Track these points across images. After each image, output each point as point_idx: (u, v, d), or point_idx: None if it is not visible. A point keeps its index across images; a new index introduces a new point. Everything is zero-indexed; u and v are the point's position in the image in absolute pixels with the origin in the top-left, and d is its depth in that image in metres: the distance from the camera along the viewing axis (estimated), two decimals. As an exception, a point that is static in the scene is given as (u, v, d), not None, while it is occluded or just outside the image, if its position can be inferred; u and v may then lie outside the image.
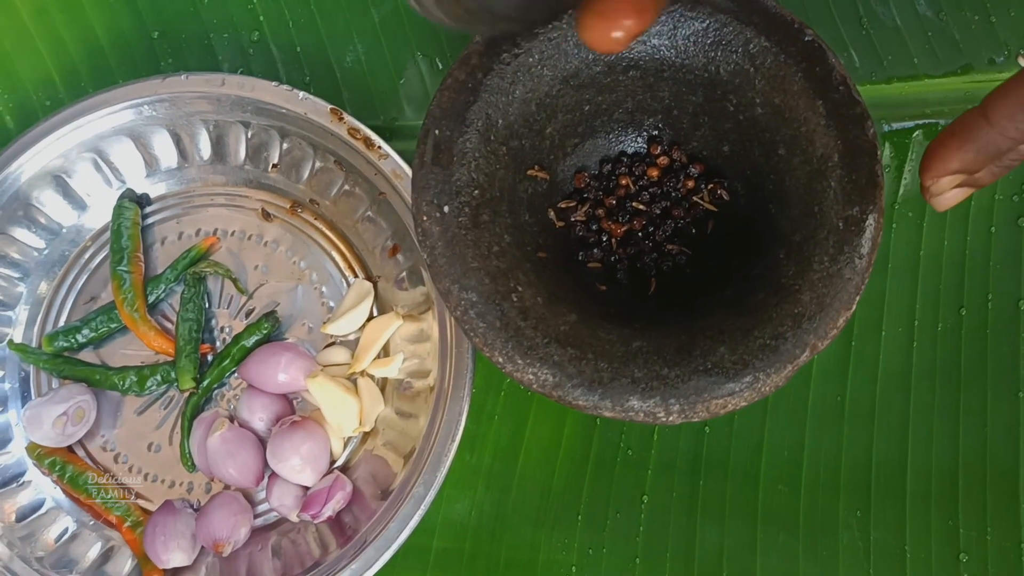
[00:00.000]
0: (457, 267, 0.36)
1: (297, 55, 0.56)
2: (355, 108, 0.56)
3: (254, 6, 0.57)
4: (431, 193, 0.37)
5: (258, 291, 0.53)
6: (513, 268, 0.37)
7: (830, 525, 0.49)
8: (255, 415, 0.50)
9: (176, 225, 0.53)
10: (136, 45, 0.56)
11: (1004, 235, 0.51)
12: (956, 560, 0.48)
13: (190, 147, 0.53)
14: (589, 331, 0.36)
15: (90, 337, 0.51)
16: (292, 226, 0.53)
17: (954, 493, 0.49)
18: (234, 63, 0.56)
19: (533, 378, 0.35)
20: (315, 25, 0.56)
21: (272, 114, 0.51)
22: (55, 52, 0.56)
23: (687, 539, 0.49)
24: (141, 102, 0.50)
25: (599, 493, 0.51)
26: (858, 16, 0.54)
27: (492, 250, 0.37)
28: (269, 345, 0.51)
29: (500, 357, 0.35)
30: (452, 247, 0.36)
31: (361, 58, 0.56)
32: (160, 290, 0.52)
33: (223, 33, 0.56)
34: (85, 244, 0.53)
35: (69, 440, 0.50)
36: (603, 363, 0.35)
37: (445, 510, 0.51)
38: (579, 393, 0.34)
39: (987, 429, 0.49)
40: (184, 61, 0.56)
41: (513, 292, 0.36)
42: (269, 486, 0.49)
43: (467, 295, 0.36)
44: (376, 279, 0.52)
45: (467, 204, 0.37)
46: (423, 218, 0.36)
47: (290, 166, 0.53)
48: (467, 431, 0.51)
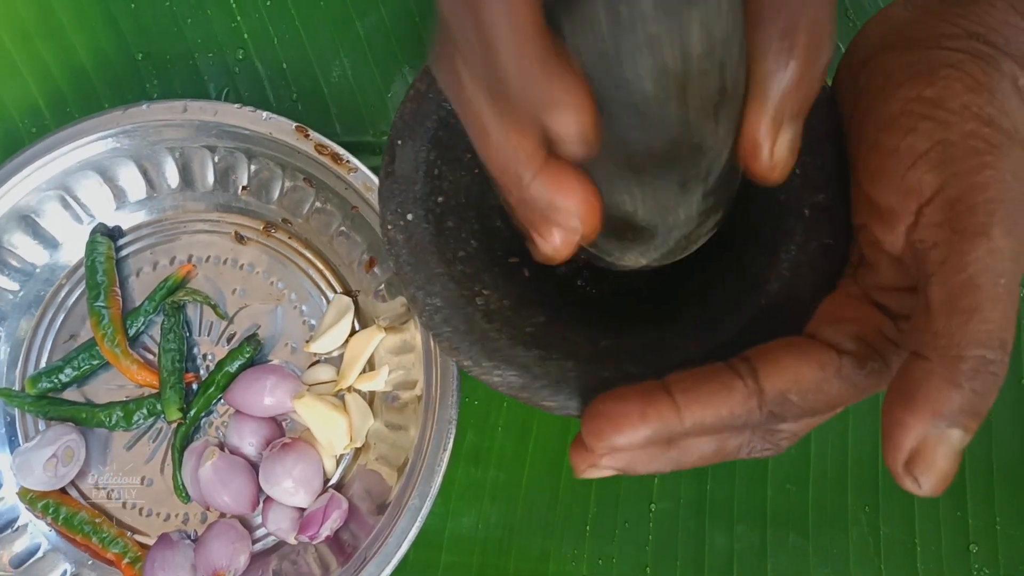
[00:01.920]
0: (422, 273, 0.36)
1: (283, 72, 0.56)
2: (344, 123, 0.55)
3: (238, 24, 0.56)
4: (395, 202, 0.37)
5: (238, 315, 0.52)
6: (480, 272, 0.37)
7: (839, 522, 0.49)
8: (245, 440, 0.50)
9: (150, 255, 0.53)
10: (121, 68, 0.56)
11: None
12: (966, 551, 0.48)
13: (157, 176, 0.52)
14: (558, 332, 0.36)
15: (73, 376, 0.51)
16: (267, 247, 0.53)
17: (961, 483, 0.48)
18: (220, 82, 0.56)
19: (499, 379, 0.35)
20: (300, 41, 0.56)
21: (237, 136, 0.50)
22: (40, 78, 0.56)
23: (696, 545, 0.49)
24: (104, 135, 0.50)
25: (607, 502, 0.50)
26: (843, 6, 0.53)
27: (457, 255, 0.37)
28: (253, 369, 0.51)
29: (466, 360, 0.35)
30: (416, 254, 0.36)
31: (348, 72, 0.56)
32: (140, 323, 0.52)
33: (208, 53, 0.56)
34: (60, 282, 0.53)
35: (62, 482, 0.49)
36: (569, 363, 0.34)
37: (452, 524, 0.51)
38: (546, 394, 0.34)
39: (992, 418, 0.49)
40: (169, 82, 0.56)
41: (478, 296, 0.36)
42: (265, 511, 0.49)
43: (432, 300, 0.35)
44: (356, 293, 0.52)
45: (431, 211, 0.37)
46: (388, 227, 0.36)
47: (260, 187, 0.52)
48: (471, 443, 0.51)
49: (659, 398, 0.29)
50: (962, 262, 0.26)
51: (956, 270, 0.26)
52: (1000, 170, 0.26)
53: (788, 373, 0.28)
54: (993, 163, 0.26)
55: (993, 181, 0.26)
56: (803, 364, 0.28)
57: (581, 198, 0.26)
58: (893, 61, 0.30)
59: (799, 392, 0.28)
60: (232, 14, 0.56)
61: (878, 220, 0.29)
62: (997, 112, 0.27)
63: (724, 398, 0.28)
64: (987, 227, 0.26)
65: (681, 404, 0.28)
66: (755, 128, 0.26)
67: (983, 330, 0.25)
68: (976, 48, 0.29)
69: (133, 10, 0.57)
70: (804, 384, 0.28)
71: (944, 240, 0.26)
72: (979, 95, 0.28)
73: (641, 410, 0.29)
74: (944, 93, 0.28)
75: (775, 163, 0.27)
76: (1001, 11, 0.30)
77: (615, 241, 0.32)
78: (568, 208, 0.26)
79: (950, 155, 0.27)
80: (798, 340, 0.29)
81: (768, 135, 0.26)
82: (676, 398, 0.28)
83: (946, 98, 0.28)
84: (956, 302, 0.25)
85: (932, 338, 0.25)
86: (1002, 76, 0.28)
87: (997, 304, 0.25)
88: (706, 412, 0.28)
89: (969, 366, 0.25)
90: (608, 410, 0.29)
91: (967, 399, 0.25)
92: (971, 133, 0.27)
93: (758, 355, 0.29)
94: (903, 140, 0.28)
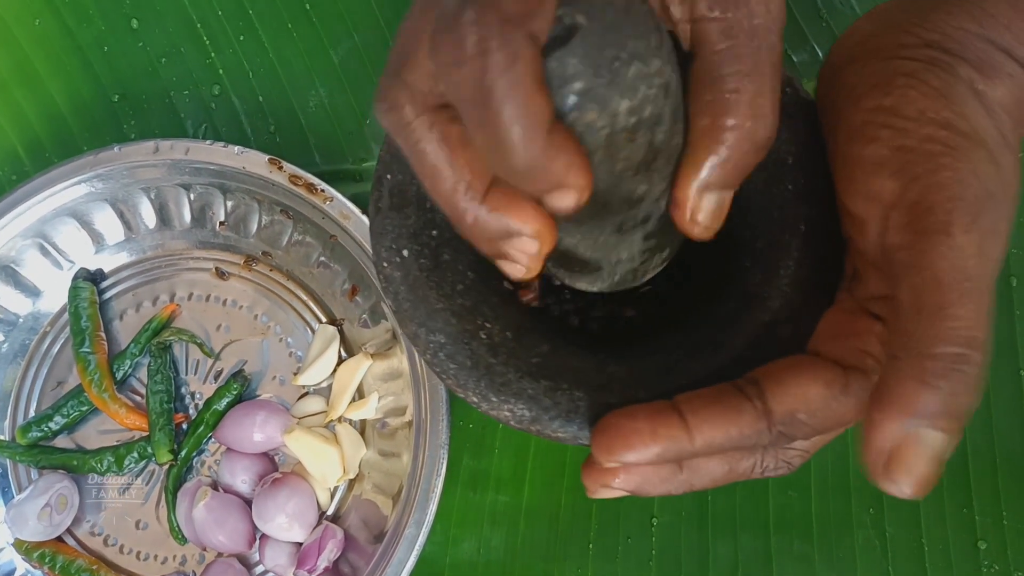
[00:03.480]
0: (422, 310, 0.35)
1: (260, 105, 0.56)
2: (323, 152, 0.55)
3: (212, 60, 0.56)
4: (389, 238, 0.36)
5: (224, 351, 0.52)
6: (479, 304, 0.36)
7: (844, 526, 0.47)
8: (237, 478, 0.49)
9: (132, 298, 0.53)
10: (97, 110, 0.56)
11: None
12: (975, 548, 0.47)
13: (134, 218, 0.52)
14: (563, 360, 0.35)
15: (63, 424, 0.51)
16: (249, 281, 0.52)
17: (965, 480, 0.47)
18: (197, 119, 0.56)
19: (509, 414, 0.34)
20: (275, 73, 0.56)
21: (211, 173, 0.50)
22: (17, 126, 0.56)
23: (700, 558, 0.48)
24: (77, 180, 0.50)
25: (608, 519, 0.49)
26: (816, 9, 0.52)
27: (456, 288, 0.36)
28: (242, 405, 0.50)
29: (474, 396, 0.34)
30: (415, 290, 0.35)
31: (324, 102, 0.55)
32: (126, 366, 0.51)
33: (183, 90, 0.56)
34: (44, 330, 0.53)
35: (57, 531, 0.49)
36: (579, 392, 0.34)
37: (452, 550, 0.50)
38: (557, 425, 0.33)
39: (992, 411, 0.47)
40: (146, 122, 0.56)
41: (481, 329, 0.35)
42: (261, 548, 0.49)
43: (435, 337, 0.35)
44: (340, 322, 0.51)
45: (426, 246, 0.36)
46: (384, 264, 0.36)
47: (237, 222, 0.52)
48: (467, 467, 0.50)
49: (669, 417, 0.29)
50: (925, 261, 0.26)
51: (920, 269, 0.26)
52: (958, 170, 0.27)
53: (796, 393, 0.28)
54: (951, 164, 0.27)
55: (951, 181, 0.26)
56: (810, 384, 0.28)
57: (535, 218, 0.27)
58: (856, 73, 0.31)
59: (807, 412, 0.28)
60: (206, 51, 0.56)
61: (855, 229, 0.30)
62: (954, 115, 0.28)
63: (733, 419, 0.28)
64: (947, 225, 0.26)
65: (691, 424, 0.28)
66: (680, 191, 0.28)
67: (950, 327, 0.25)
68: (932, 56, 0.29)
69: (107, 53, 0.57)
70: (812, 403, 0.28)
71: (908, 242, 0.26)
72: (935, 100, 0.28)
73: (651, 428, 0.29)
74: (901, 101, 0.28)
75: (699, 224, 0.28)
76: (957, 18, 0.30)
77: (563, 270, 0.32)
78: (524, 230, 0.27)
79: (909, 160, 0.27)
80: (803, 359, 0.29)
81: (693, 199, 0.28)
82: (687, 418, 0.29)
83: (903, 106, 0.28)
84: (922, 301, 0.25)
85: (903, 338, 0.25)
86: (958, 81, 0.29)
87: (964, 301, 0.25)
88: (716, 432, 0.28)
89: (938, 364, 0.24)
90: (619, 425, 0.29)
91: (940, 399, 0.24)
92: (928, 137, 0.27)
93: (765, 376, 0.29)
94: (866, 149, 0.29)
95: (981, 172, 0.27)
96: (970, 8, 0.30)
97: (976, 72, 0.29)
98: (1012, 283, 0.49)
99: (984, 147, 0.28)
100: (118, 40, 0.56)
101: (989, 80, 0.29)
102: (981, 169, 0.27)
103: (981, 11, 0.30)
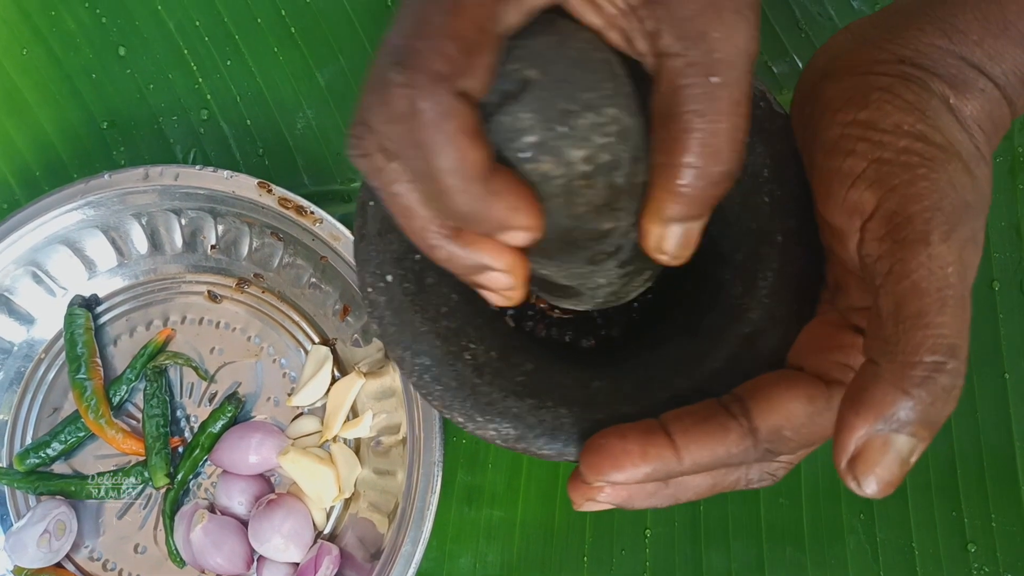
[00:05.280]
0: (407, 333, 0.35)
1: (248, 128, 0.56)
2: (311, 174, 0.55)
3: (200, 85, 0.56)
4: (373, 264, 0.36)
5: (219, 373, 0.52)
6: (464, 326, 0.37)
7: (835, 532, 0.48)
8: (234, 500, 0.50)
9: (126, 323, 0.53)
10: (87, 138, 0.57)
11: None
12: (965, 551, 0.47)
13: (125, 244, 0.53)
14: (548, 378, 0.36)
15: (60, 450, 0.51)
16: (241, 303, 0.53)
17: (953, 483, 0.47)
18: (186, 144, 0.56)
19: (495, 433, 0.34)
20: (263, 96, 0.56)
21: (201, 197, 0.50)
22: (7, 155, 0.57)
23: (694, 568, 0.48)
24: (69, 208, 0.50)
25: (602, 532, 0.50)
26: (795, 20, 0.53)
27: (441, 311, 0.37)
28: (237, 427, 0.50)
29: (460, 417, 0.35)
30: (399, 314, 0.36)
31: (312, 123, 0.56)
32: (123, 391, 0.52)
33: (172, 116, 0.56)
34: (40, 357, 0.53)
35: (56, 556, 0.49)
36: (563, 409, 0.34)
37: (449, 566, 0.50)
38: (542, 443, 0.34)
39: (977, 415, 0.48)
40: (136, 148, 0.56)
41: (466, 350, 0.36)
42: (259, 569, 0.49)
43: (420, 360, 0.35)
44: (333, 341, 0.52)
45: (410, 270, 0.37)
46: (368, 289, 0.36)
47: (229, 245, 0.53)
48: (462, 483, 0.51)
49: (658, 438, 0.29)
50: (904, 270, 0.26)
51: (899, 278, 0.26)
52: (934, 181, 0.27)
53: (780, 410, 0.29)
54: (927, 175, 0.27)
55: (928, 191, 0.27)
56: (793, 400, 0.29)
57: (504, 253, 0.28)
58: (832, 89, 0.31)
59: (792, 428, 0.29)
60: (194, 76, 0.57)
61: (835, 240, 0.30)
62: (929, 128, 0.28)
63: (720, 439, 0.29)
64: (925, 234, 0.26)
65: (679, 444, 0.29)
66: (644, 223, 0.28)
67: (931, 335, 0.25)
68: (905, 71, 0.30)
69: (95, 80, 0.57)
70: (796, 419, 0.29)
71: (887, 252, 0.27)
72: (910, 114, 0.28)
73: (642, 449, 0.29)
74: (876, 115, 0.29)
75: (667, 253, 0.29)
76: (929, 35, 0.31)
77: (546, 293, 0.32)
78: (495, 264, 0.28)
79: (886, 171, 0.28)
80: (786, 374, 0.30)
81: (656, 232, 0.28)
82: (675, 439, 0.29)
83: (878, 119, 0.29)
84: (902, 309, 0.26)
85: (882, 344, 0.26)
86: (931, 95, 0.29)
87: (944, 309, 0.25)
88: (703, 452, 0.29)
89: (918, 372, 0.25)
90: (609, 446, 0.30)
91: (918, 406, 0.25)
92: (904, 149, 0.28)
93: (750, 393, 0.30)
94: (843, 162, 0.29)
95: (957, 183, 0.27)
96: (942, 26, 0.31)
97: (949, 87, 0.30)
98: (995, 287, 0.49)
99: (959, 159, 0.28)
100: (106, 68, 0.57)
101: (961, 95, 0.30)
102: (957, 180, 0.27)
103: (952, 28, 0.31)
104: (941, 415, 0.25)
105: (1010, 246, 0.49)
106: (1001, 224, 0.49)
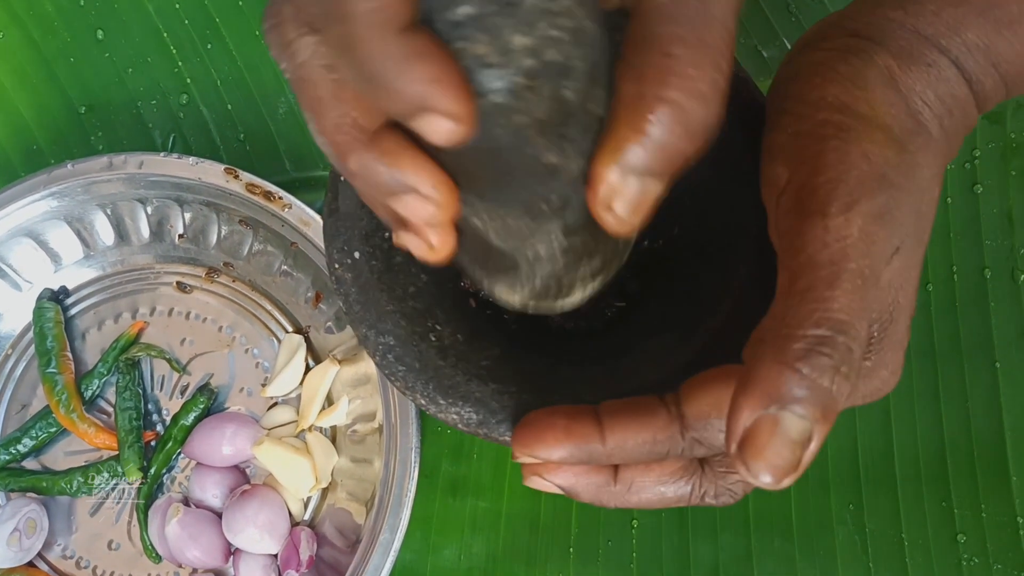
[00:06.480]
0: (372, 312, 0.35)
1: (229, 113, 0.55)
2: (293, 159, 0.54)
3: (180, 69, 0.55)
4: (341, 240, 0.35)
5: (191, 365, 0.51)
6: (431, 307, 0.36)
7: (824, 523, 0.47)
8: (208, 492, 0.49)
9: (94, 316, 0.52)
10: (64, 122, 0.55)
11: (961, 204, 0.49)
12: (954, 541, 0.46)
13: (90, 235, 0.52)
14: (513, 364, 0.35)
15: (31, 446, 0.50)
16: (212, 293, 0.52)
17: (943, 473, 0.46)
18: (165, 129, 0.55)
19: (457, 417, 0.34)
20: (243, 80, 0.55)
21: (167, 185, 0.49)
22: (-17, 140, 0.56)
23: (681, 559, 0.47)
24: (32, 200, 0.49)
25: (588, 523, 0.49)
26: (785, 3, 0.52)
27: (408, 291, 0.36)
28: (211, 419, 0.50)
29: (422, 399, 0.34)
30: (366, 292, 0.35)
31: (294, 108, 0.54)
32: (95, 386, 0.51)
33: (151, 100, 0.55)
34: (6, 352, 0.52)
35: (28, 555, 0.48)
36: (527, 396, 0.33)
37: (434, 558, 0.49)
38: (504, 429, 0.33)
39: (968, 404, 0.47)
40: (114, 132, 0.55)
41: (431, 331, 0.35)
42: (236, 562, 0.48)
43: (384, 339, 0.34)
44: (306, 329, 0.51)
45: (378, 248, 0.36)
46: (335, 266, 0.35)
47: (197, 233, 0.51)
48: (446, 474, 0.50)
49: (585, 418, 0.29)
50: (800, 243, 0.25)
51: (795, 252, 0.25)
52: (844, 152, 0.26)
53: (708, 398, 0.27)
54: (838, 146, 0.26)
55: (834, 162, 0.26)
56: (726, 389, 0.26)
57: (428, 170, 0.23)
58: (783, 70, 0.31)
59: (721, 416, 0.27)
60: (173, 60, 0.55)
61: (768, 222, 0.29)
62: (853, 100, 0.27)
63: (647, 422, 0.28)
64: (824, 206, 0.25)
65: (605, 425, 0.28)
66: (596, 167, 0.23)
67: (817, 308, 0.23)
68: (850, 44, 0.29)
69: (73, 64, 0.56)
70: (725, 407, 0.26)
71: (790, 227, 0.26)
72: (837, 85, 0.28)
73: (566, 425, 0.29)
74: (803, 88, 0.28)
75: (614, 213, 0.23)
76: (885, 7, 0.30)
77: (478, 268, 0.31)
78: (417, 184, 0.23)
79: (800, 144, 0.27)
80: (728, 367, 0.28)
81: (609, 180, 0.23)
82: (602, 419, 0.28)
83: (804, 92, 0.28)
84: (793, 284, 0.24)
85: (770, 321, 0.24)
86: (870, 67, 0.28)
87: (836, 283, 0.24)
88: (627, 435, 0.28)
89: (800, 346, 0.23)
90: (535, 421, 0.29)
91: (802, 382, 0.22)
92: (822, 122, 0.27)
93: (687, 384, 0.28)
94: (767, 137, 0.28)
95: (873, 155, 0.26)
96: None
97: (893, 59, 0.29)
98: (987, 275, 0.48)
99: (884, 131, 0.27)
100: (84, 51, 0.56)
101: (907, 68, 0.29)
102: (874, 151, 0.26)
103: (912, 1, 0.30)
104: (836, 397, 0.23)
105: (1002, 233, 0.48)
106: (993, 211, 0.48)
